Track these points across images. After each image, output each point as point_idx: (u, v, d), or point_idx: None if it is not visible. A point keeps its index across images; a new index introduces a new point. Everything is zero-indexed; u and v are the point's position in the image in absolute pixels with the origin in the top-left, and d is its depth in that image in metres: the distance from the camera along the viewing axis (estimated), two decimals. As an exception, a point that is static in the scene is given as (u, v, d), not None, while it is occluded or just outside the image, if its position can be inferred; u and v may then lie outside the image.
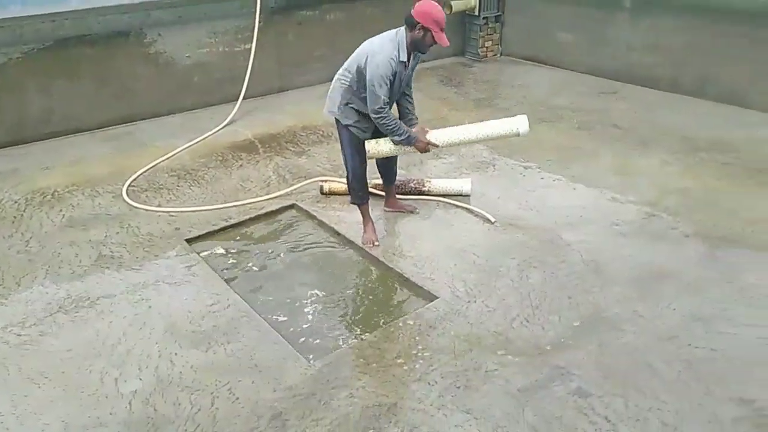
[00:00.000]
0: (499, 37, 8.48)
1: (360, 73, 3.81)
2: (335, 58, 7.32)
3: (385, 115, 3.77)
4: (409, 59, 3.85)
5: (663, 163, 5.20)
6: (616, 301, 3.54)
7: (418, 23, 3.69)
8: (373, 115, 3.79)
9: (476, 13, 8.17)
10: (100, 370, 3.14)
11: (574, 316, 3.44)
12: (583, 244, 4.08)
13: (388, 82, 3.72)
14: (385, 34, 3.84)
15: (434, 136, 4.04)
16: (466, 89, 7.24)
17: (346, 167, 4.16)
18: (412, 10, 3.71)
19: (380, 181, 4.57)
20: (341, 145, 4.14)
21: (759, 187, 4.72)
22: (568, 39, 7.71)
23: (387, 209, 4.57)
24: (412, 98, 4.14)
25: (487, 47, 8.40)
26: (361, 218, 4.25)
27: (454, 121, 6.24)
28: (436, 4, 3.73)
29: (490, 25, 8.32)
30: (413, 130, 3.98)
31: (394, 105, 4.07)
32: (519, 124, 4.08)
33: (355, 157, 4.07)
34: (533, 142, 5.68)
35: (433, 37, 3.72)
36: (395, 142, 3.94)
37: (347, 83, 3.91)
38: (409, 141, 3.92)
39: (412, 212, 4.51)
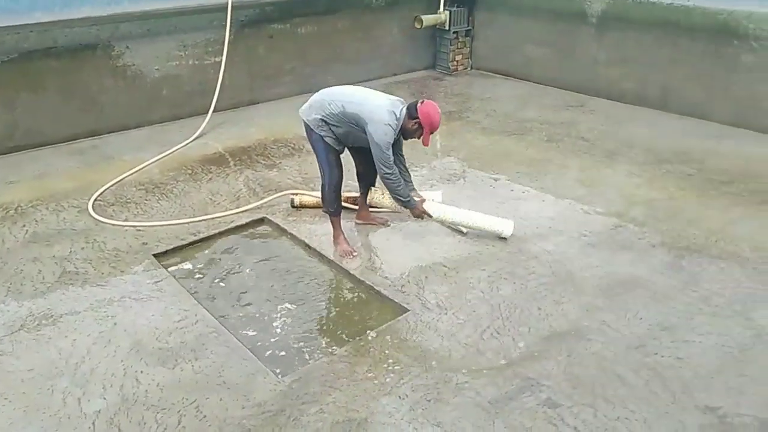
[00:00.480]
0: (469, 51, 8.58)
1: (355, 119, 3.93)
2: (306, 71, 7.42)
3: (395, 175, 3.98)
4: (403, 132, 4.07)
5: (629, 175, 5.30)
6: (584, 311, 3.58)
7: (418, 119, 3.93)
8: (384, 174, 3.98)
9: (446, 28, 8.26)
10: (63, 389, 3.06)
11: (544, 326, 3.46)
12: (553, 255, 4.12)
13: (390, 149, 3.94)
14: (386, 101, 3.99)
15: (431, 208, 4.23)
16: (437, 102, 7.24)
17: (323, 177, 4.15)
18: (419, 105, 3.96)
19: (351, 194, 4.57)
20: (317, 155, 4.14)
21: (720, 198, 4.83)
22: (537, 53, 7.84)
23: (358, 221, 4.56)
24: (404, 158, 4.30)
25: (457, 61, 8.50)
26: (331, 231, 4.24)
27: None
28: (439, 111, 4.02)
29: (460, 40, 8.42)
30: (414, 197, 4.20)
31: None
32: (505, 227, 4.29)
33: (332, 167, 4.09)
34: (502, 155, 5.76)
35: (421, 134, 4.00)
36: (396, 201, 4.15)
37: (333, 117, 3.97)
38: (407, 205, 4.13)
39: (383, 224, 4.51)
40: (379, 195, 4.37)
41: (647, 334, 3.38)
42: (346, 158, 4.21)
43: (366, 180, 4.42)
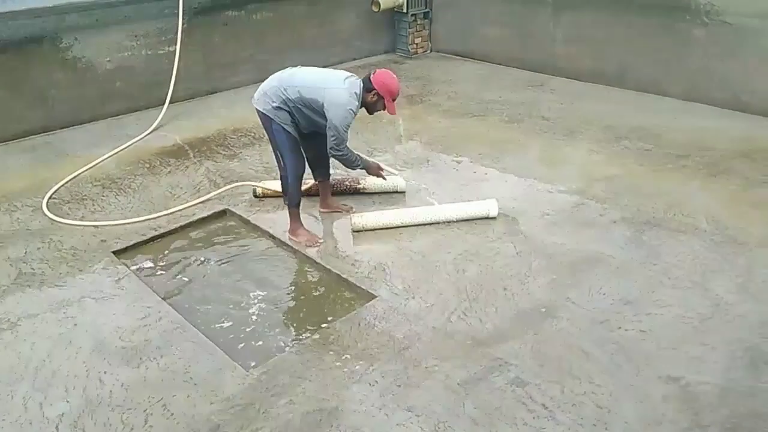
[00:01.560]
0: (428, 34, 8.54)
1: (313, 104, 3.87)
2: (264, 58, 7.28)
3: (345, 151, 3.96)
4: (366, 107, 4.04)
5: (589, 152, 5.36)
6: (550, 289, 3.62)
7: (374, 90, 3.88)
8: (334, 151, 3.94)
9: (404, 11, 8.20)
10: (24, 394, 2.98)
11: (511, 306, 3.49)
12: (517, 235, 4.16)
13: (348, 130, 3.92)
14: (342, 83, 3.87)
15: (408, 216, 4.28)
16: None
17: (284, 167, 4.06)
18: (371, 75, 3.89)
19: (306, 184, 4.47)
20: (275, 145, 4.03)
21: (677, 172, 4.94)
22: (496, 34, 7.85)
23: (323, 210, 4.51)
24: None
25: (416, 44, 8.46)
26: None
27: (387, 118, 6.24)
28: (395, 76, 3.94)
29: (418, 22, 8.38)
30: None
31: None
32: (490, 207, 4.30)
33: (297, 157, 4.03)
34: (465, 137, 5.77)
35: (384, 105, 3.95)
36: (353, 168, 4.17)
37: (290, 103, 3.91)
38: (363, 167, 4.17)
39: (348, 212, 4.47)
40: (361, 221, 4.23)
41: (611, 309, 3.44)
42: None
43: (321, 167, 4.35)
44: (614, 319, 3.37)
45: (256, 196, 4.70)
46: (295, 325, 3.53)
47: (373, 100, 3.93)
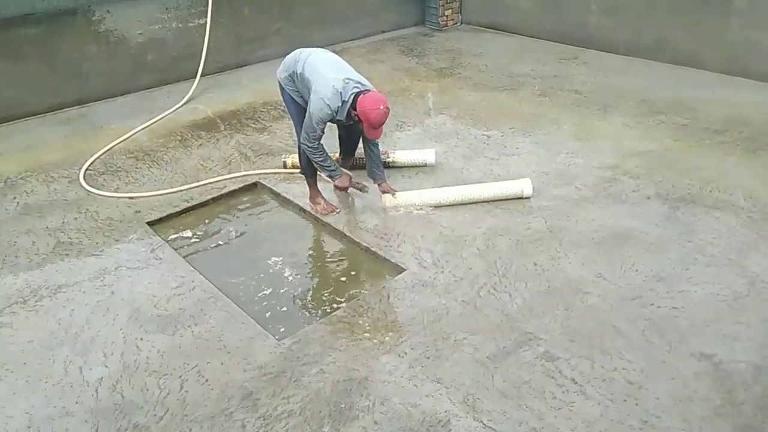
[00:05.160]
0: (459, 6, 8.40)
1: (307, 85, 3.84)
2: (292, 31, 7.26)
3: (317, 147, 3.87)
4: (349, 118, 3.82)
5: (623, 127, 5.26)
6: (580, 264, 3.59)
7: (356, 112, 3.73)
8: (304, 143, 3.88)
9: (435, -18, 8.07)
10: (64, 359, 3.08)
11: (541, 281, 3.48)
12: (548, 210, 4.12)
13: (324, 123, 3.81)
14: (339, 81, 3.73)
15: (432, 196, 4.19)
16: (428, 59, 7.18)
17: (298, 137, 4.10)
18: (361, 96, 3.69)
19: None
20: (290, 114, 4.16)
21: (714, 147, 4.82)
22: (528, 5, 7.69)
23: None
24: (377, 148, 4.14)
25: (447, 16, 8.33)
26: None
27: (416, 91, 6.23)
28: (381, 107, 3.67)
29: (449, -7, 8.24)
30: (382, 184, 4.18)
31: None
32: (524, 186, 4.20)
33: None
34: (495, 111, 5.70)
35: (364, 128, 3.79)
36: (322, 171, 4.07)
37: (295, 77, 3.94)
38: (331, 176, 4.05)
39: (361, 190, 4.33)
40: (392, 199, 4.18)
41: (643, 286, 3.40)
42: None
43: (347, 147, 4.36)
44: (646, 295, 3.33)
45: (285, 168, 4.73)
46: (325, 296, 3.56)
47: (356, 119, 3.77)
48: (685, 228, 3.87)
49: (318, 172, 4.20)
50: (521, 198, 4.21)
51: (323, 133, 3.88)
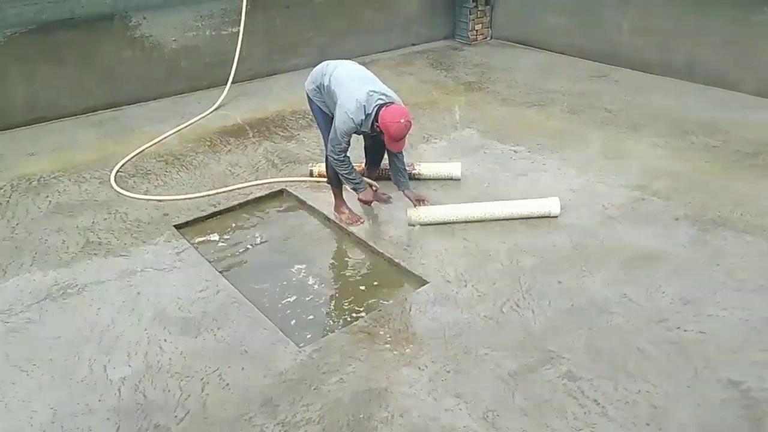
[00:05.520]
0: (489, 20, 8.41)
1: (333, 98, 3.90)
2: (323, 41, 7.34)
3: (342, 159, 3.91)
4: (374, 129, 3.83)
5: (653, 147, 5.20)
6: (605, 284, 3.55)
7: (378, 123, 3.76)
8: (331, 155, 3.94)
9: (466, -4, 8.10)
10: (89, 357, 3.12)
11: (565, 299, 3.44)
12: (574, 228, 4.08)
13: (349, 136, 3.86)
14: (364, 93, 3.75)
15: (461, 212, 4.18)
16: (457, 73, 7.20)
17: (325, 147, 4.15)
18: (383, 109, 3.71)
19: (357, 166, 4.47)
20: (318, 125, 4.25)
21: (746, 170, 4.74)
22: (559, 22, 7.67)
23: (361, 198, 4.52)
24: (401, 159, 4.13)
25: (477, 30, 8.35)
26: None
27: (444, 105, 6.24)
28: (401, 119, 3.68)
29: (479, 8, 8.25)
30: (408, 193, 4.18)
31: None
32: (551, 206, 4.18)
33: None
34: (523, 126, 5.68)
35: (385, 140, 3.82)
36: (348, 184, 4.10)
37: (322, 89, 3.99)
38: (356, 188, 4.09)
39: (385, 202, 4.34)
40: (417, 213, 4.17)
41: (670, 308, 3.35)
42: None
43: (373, 159, 4.38)
44: (673, 318, 3.28)
45: (312, 177, 4.76)
46: (346, 305, 3.57)
47: (378, 130, 3.79)
48: (715, 251, 3.80)
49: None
50: (548, 216, 4.17)
51: (349, 145, 3.91)
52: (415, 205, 4.18)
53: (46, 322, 3.37)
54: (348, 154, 3.96)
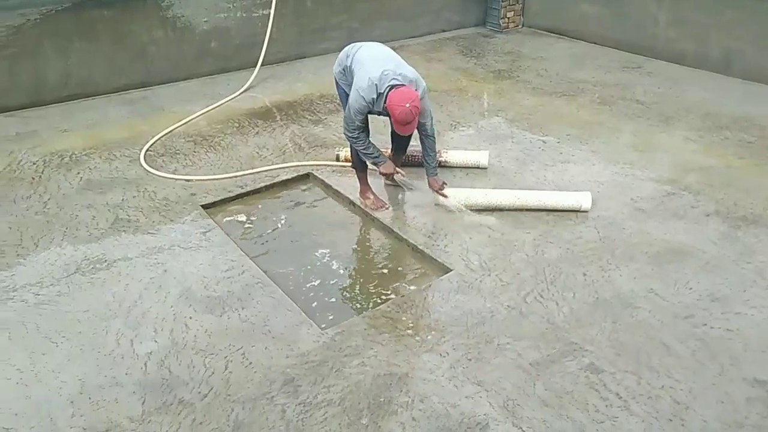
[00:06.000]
0: (521, 8, 8.30)
1: (351, 77, 3.92)
2: (353, 25, 7.31)
3: (357, 136, 3.91)
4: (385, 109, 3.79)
5: (685, 140, 5.10)
6: (632, 278, 3.51)
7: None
8: (345, 132, 3.95)
9: (498, -17, 8.00)
10: (117, 331, 3.19)
11: (589, 292, 3.41)
12: (601, 221, 4.03)
13: (362, 115, 3.84)
14: (378, 72, 3.72)
15: (481, 197, 4.15)
16: (487, 60, 7.13)
17: None
18: (393, 90, 3.67)
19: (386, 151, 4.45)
20: (343, 108, 4.17)
21: (783, 168, 4.63)
22: (592, 11, 7.54)
23: (387, 182, 4.52)
24: (432, 141, 4.08)
25: (508, 18, 8.24)
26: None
27: (472, 92, 6.19)
28: (406, 103, 3.60)
29: (512, -5, 8.15)
30: (433, 178, 4.15)
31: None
32: (583, 200, 4.11)
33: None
34: (552, 116, 5.61)
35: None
36: (366, 160, 4.08)
37: (346, 70, 4.00)
38: (376, 162, 4.04)
39: (409, 188, 4.36)
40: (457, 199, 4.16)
41: (697, 305, 3.30)
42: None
43: (398, 141, 4.35)
44: (700, 315, 3.23)
45: (338, 161, 4.77)
46: (370, 289, 3.59)
47: (386, 111, 3.75)
48: (745, 248, 3.73)
49: (368, 165, 4.23)
50: (578, 211, 4.12)
51: (362, 124, 3.90)
52: (435, 191, 4.15)
53: (75, 295, 3.45)
54: (363, 132, 3.95)
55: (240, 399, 2.79)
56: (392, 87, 3.70)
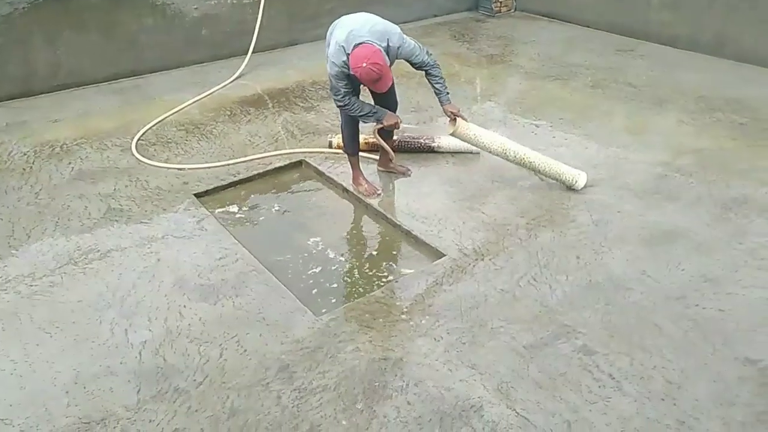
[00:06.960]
0: (514, -8, 8.26)
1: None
2: (344, 11, 7.18)
3: (346, 102, 3.85)
4: None
5: (678, 123, 5.10)
6: (624, 260, 3.53)
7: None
8: (336, 104, 3.92)
9: (490, -34, 7.94)
10: (111, 320, 3.19)
11: (583, 275, 3.43)
12: (594, 204, 4.04)
13: (343, 80, 3.77)
14: (345, 35, 3.68)
15: (471, 129, 4.12)
16: (479, 45, 7.10)
17: (340, 114, 4.15)
18: (350, 55, 3.61)
19: (373, 139, 4.42)
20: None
21: (775, 149, 4.64)
22: (585, -6, 7.50)
23: (380, 168, 4.51)
24: (437, 78, 4.05)
25: (500, 2, 8.18)
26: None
27: (465, 77, 6.17)
28: (363, 63, 3.52)
29: (504, -21, 8.10)
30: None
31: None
32: (578, 178, 4.16)
33: None
34: (545, 100, 5.60)
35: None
36: (366, 122, 4.02)
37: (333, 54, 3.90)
38: (377, 118, 3.94)
39: (404, 174, 4.38)
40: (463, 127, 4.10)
41: (689, 286, 3.32)
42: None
43: (379, 100, 4.29)
44: (692, 296, 3.25)
45: (331, 148, 4.76)
46: (363, 276, 3.59)
47: (353, 76, 3.68)
48: (737, 230, 3.75)
49: (360, 152, 4.21)
50: (570, 188, 4.14)
51: (347, 89, 3.81)
52: (451, 119, 4.11)
53: (68, 286, 3.44)
54: (352, 95, 3.87)
55: (235, 386, 2.80)
56: (355, 46, 3.65)
